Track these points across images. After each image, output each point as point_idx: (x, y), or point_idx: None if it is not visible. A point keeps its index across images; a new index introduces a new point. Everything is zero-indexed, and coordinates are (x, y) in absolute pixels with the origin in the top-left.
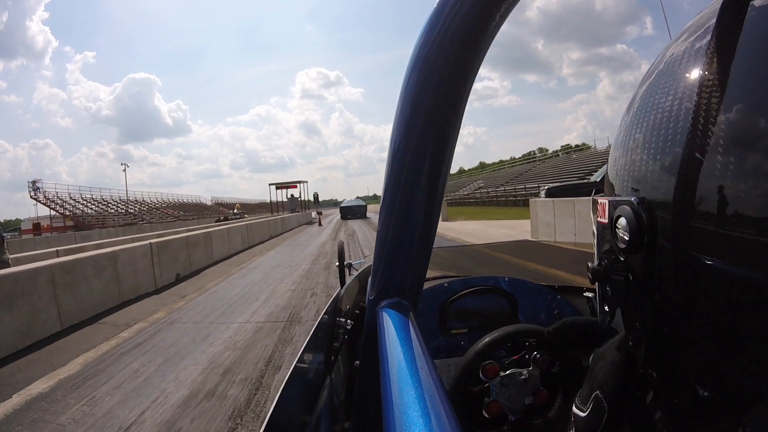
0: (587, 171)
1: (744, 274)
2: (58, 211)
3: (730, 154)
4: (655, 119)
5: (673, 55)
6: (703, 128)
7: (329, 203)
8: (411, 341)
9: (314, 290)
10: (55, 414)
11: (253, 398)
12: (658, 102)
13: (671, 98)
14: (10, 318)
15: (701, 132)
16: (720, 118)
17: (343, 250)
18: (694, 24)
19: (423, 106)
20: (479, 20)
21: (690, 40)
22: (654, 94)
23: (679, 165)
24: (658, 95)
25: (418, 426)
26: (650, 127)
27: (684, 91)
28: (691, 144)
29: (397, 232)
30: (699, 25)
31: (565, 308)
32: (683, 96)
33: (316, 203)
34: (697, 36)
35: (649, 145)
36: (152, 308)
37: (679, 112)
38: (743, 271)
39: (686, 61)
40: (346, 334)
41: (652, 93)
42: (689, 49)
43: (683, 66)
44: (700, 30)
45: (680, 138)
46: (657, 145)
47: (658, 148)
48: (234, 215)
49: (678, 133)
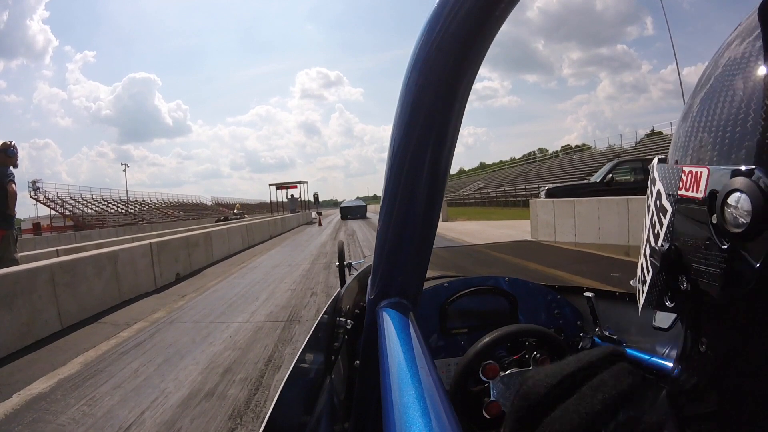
0: (587, 171)
1: None
2: (58, 211)
3: None
4: (720, 121)
5: (731, 58)
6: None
7: (329, 203)
8: (411, 341)
9: (314, 290)
10: (55, 414)
11: (253, 398)
12: (721, 103)
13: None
14: (9, 317)
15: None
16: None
17: (343, 250)
18: (745, 28)
19: (423, 106)
20: (479, 20)
21: (747, 41)
22: (715, 97)
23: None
24: (720, 97)
25: (418, 426)
26: (717, 128)
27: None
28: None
29: (397, 232)
30: (753, 28)
31: (565, 308)
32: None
33: (316, 203)
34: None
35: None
36: (152, 308)
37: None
38: None
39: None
40: (346, 334)
41: (713, 96)
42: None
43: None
44: (756, 31)
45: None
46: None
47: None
48: (234, 215)
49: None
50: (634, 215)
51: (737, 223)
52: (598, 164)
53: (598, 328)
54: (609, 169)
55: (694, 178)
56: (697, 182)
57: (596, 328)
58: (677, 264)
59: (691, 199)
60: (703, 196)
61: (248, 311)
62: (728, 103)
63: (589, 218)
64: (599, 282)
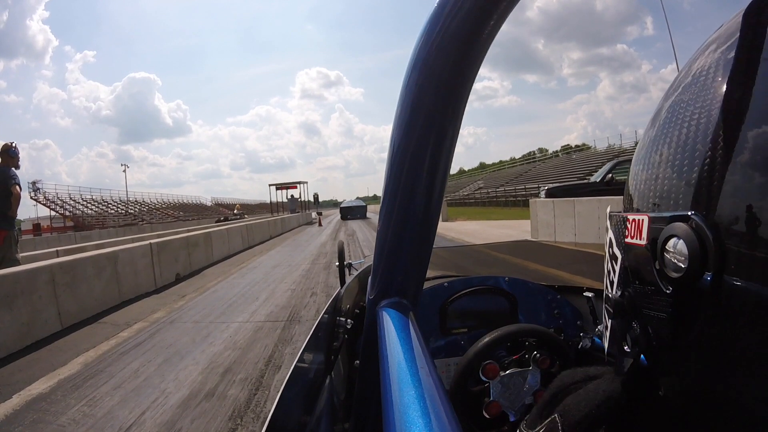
0: (587, 171)
1: None
2: (58, 212)
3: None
4: (681, 134)
5: (702, 67)
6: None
7: (329, 204)
8: (411, 341)
9: (314, 290)
10: (55, 414)
11: (253, 398)
12: (685, 116)
13: (700, 112)
14: (10, 318)
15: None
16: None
17: (343, 250)
18: (722, 35)
19: (423, 106)
20: (479, 20)
21: (721, 50)
22: (681, 108)
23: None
24: (686, 108)
25: (418, 426)
26: (677, 142)
27: (714, 105)
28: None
29: (397, 232)
30: (729, 35)
31: (565, 308)
32: (714, 110)
33: (316, 204)
34: (727, 47)
35: (675, 161)
36: (152, 308)
37: (708, 126)
38: None
39: (717, 72)
40: (346, 334)
41: (679, 106)
42: (720, 59)
43: (713, 77)
44: (730, 40)
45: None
46: (685, 161)
47: (685, 164)
48: (234, 216)
49: (709, 149)
50: None
51: (677, 268)
52: (598, 164)
53: (598, 328)
54: (609, 168)
55: (637, 226)
56: (639, 230)
57: (596, 328)
58: (629, 310)
59: (636, 246)
60: (645, 243)
61: (248, 311)
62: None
63: (589, 218)
64: (599, 282)
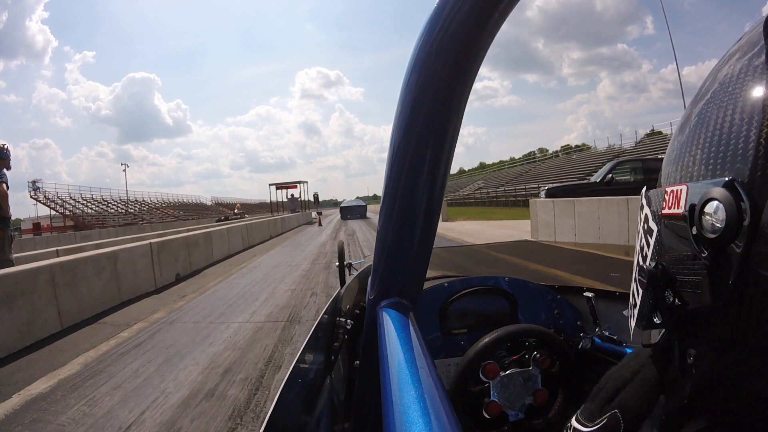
0: (587, 171)
1: None
2: (58, 211)
3: None
4: (714, 138)
5: (730, 73)
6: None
7: (329, 203)
8: (411, 341)
9: (314, 290)
10: (55, 414)
11: (253, 398)
12: (717, 121)
13: (732, 116)
14: (10, 318)
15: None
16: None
17: (343, 250)
18: (745, 44)
19: (423, 106)
20: (479, 20)
21: (747, 58)
22: (711, 113)
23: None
24: (717, 114)
25: (418, 426)
26: (710, 145)
27: (747, 109)
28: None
29: (397, 232)
30: (753, 43)
31: (565, 308)
32: (746, 114)
33: (316, 203)
34: (756, 52)
35: (708, 164)
36: (152, 308)
37: (741, 130)
38: None
39: (747, 78)
40: (346, 334)
41: (709, 112)
42: (748, 66)
43: (743, 84)
44: (757, 47)
45: (743, 157)
46: (717, 164)
47: (718, 167)
48: (234, 215)
49: (741, 153)
50: (634, 215)
51: (714, 229)
52: (598, 164)
53: (598, 328)
54: (609, 169)
55: (675, 196)
56: (678, 199)
57: (596, 328)
58: (663, 280)
59: (673, 215)
60: (683, 211)
61: (248, 311)
62: (712, 128)
63: (589, 218)
64: (599, 282)
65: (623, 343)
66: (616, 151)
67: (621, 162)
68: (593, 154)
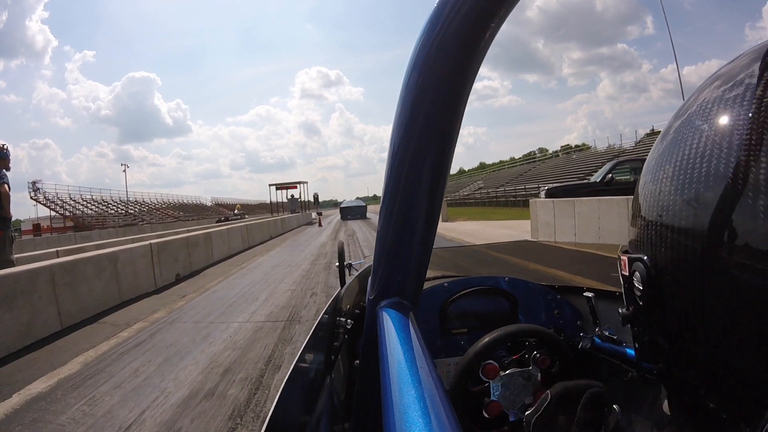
0: (587, 171)
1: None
2: (58, 212)
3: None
4: (683, 157)
5: (707, 99)
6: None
7: (329, 204)
8: (411, 341)
9: (314, 290)
10: (55, 414)
11: (253, 398)
12: (689, 141)
13: (701, 141)
14: (10, 318)
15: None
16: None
17: (343, 250)
18: (727, 72)
19: (423, 106)
20: (479, 20)
21: (724, 88)
22: (686, 133)
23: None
24: (690, 135)
25: (418, 426)
26: (681, 163)
27: (714, 137)
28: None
29: (397, 232)
30: (732, 75)
31: (565, 308)
32: (711, 141)
33: (316, 204)
34: (733, 84)
35: (677, 180)
36: (152, 308)
37: (705, 153)
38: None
39: (719, 108)
40: (346, 334)
41: (684, 131)
42: (721, 97)
43: (714, 113)
44: (734, 80)
45: (705, 179)
46: (685, 182)
47: (684, 185)
48: (235, 216)
49: (704, 174)
50: None
51: (639, 290)
52: (598, 164)
53: (598, 328)
54: (609, 169)
55: (624, 263)
56: (625, 265)
57: (596, 328)
58: (631, 320)
59: (625, 275)
60: (628, 274)
61: (248, 311)
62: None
63: (589, 218)
64: (599, 282)
65: (623, 343)
66: (616, 151)
67: (621, 162)
68: (593, 154)
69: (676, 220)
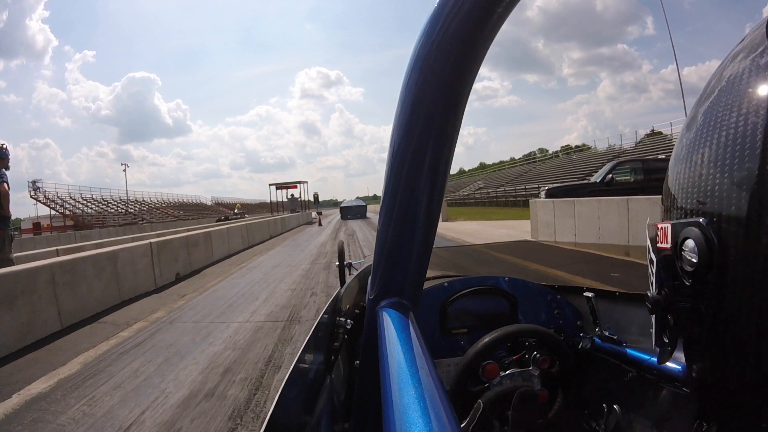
0: (587, 171)
1: None
2: (58, 211)
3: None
4: (722, 136)
5: (734, 73)
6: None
7: (329, 203)
8: (411, 341)
9: (314, 290)
10: (55, 414)
11: (253, 398)
12: (724, 119)
13: (739, 115)
14: (10, 317)
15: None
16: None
17: (343, 250)
18: (748, 45)
19: (423, 106)
20: (479, 20)
21: (752, 57)
22: (718, 111)
23: (754, 180)
24: (724, 112)
25: (418, 426)
26: (718, 143)
27: (752, 107)
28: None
29: (397, 232)
30: (756, 44)
31: (565, 308)
32: (752, 112)
33: (316, 203)
34: (763, 50)
35: (717, 161)
36: (152, 307)
37: (748, 128)
38: None
39: (751, 77)
40: (346, 334)
41: (716, 110)
42: (752, 65)
43: (748, 83)
44: (763, 45)
45: (751, 153)
46: (726, 160)
47: (727, 163)
48: (235, 215)
49: (748, 149)
50: (634, 215)
51: (691, 263)
52: (598, 164)
53: (598, 328)
54: (609, 169)
55: (663, 233)
56: (666, 235)
57: (596, 328)
58: (664, 306)
59: (664, 249)
60: (670, 246)
61: (248, 311)
62: (719, 128)
63: (589, 218)
64: (599, 282)
65: (623, 342)
66: (616, 152)
67: (621, 162)
68: (593, 154)
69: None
